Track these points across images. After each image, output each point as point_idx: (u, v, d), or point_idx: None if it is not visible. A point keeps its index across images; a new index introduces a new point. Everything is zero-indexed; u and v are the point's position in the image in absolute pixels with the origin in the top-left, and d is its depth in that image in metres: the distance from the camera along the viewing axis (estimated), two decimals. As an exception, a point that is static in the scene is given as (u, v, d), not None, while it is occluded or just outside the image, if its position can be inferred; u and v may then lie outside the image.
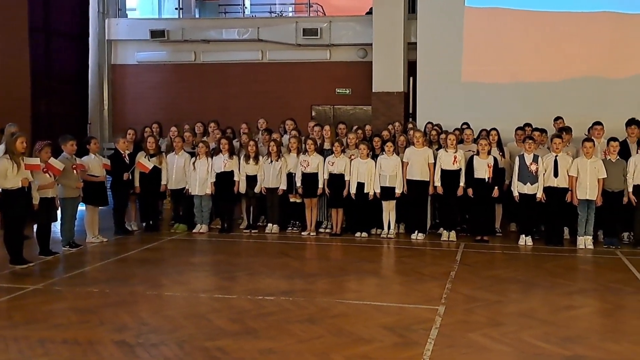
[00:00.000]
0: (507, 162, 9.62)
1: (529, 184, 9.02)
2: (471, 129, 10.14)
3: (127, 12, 16.13)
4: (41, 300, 6.27)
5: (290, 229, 10.06)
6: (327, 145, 10.06)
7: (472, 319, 5.78)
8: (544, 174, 8.98)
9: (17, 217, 7.57)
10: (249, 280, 7.18)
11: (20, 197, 7.50)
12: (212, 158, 9.90)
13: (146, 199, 10.00)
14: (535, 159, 9.02)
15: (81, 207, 9.09)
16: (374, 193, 9.48)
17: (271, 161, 9.79)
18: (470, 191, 9.21)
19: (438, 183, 9.32)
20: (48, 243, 8.27)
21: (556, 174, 8.91)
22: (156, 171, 9.83)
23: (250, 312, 5.92)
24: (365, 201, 9.53)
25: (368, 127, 11.02)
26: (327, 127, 10.32)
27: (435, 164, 9.36)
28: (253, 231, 9.97)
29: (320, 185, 9.62)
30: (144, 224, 10.16)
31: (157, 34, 14.67)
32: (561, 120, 10.26)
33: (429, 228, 9.77)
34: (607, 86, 11.91)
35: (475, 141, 9.62)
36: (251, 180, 9.86)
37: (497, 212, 9.79)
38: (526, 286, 6.99)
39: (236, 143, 10.38)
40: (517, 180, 9.09)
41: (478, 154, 9.21)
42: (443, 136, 9.78)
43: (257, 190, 9.87)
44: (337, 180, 9.58)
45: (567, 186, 8.93)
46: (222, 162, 9.81)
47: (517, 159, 9.17)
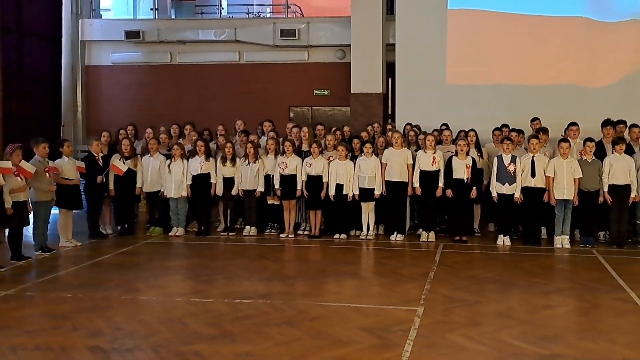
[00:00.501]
0: (485, 163, 9.66)
1: (507, 184, 9.07)
2: (450, 130, 10.18)
3: (101, 12, 15.97)
4: (13, 306, 6.17)
5: (268, 231, 10.00)
6: (305, 147, 10.02)
7: (451, 319, 5.79)
8: (521, 174, 9.03)
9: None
10: (226, 283, 7.12)
11: (-9, 200, 7.34)
12: (187, 160, 9.82)
13: (121, 202, 9.90)
14: (513, 159, 9.06)
15: (54, 211, 8.95)
16: (353, 194, 9.45)
17: (248, 163, 9.72)
18: (449, 192, 9.22)
19: (417, 184, 9.32)
20: (20, 248, 8.13)
21: (533, 175, 8.97)
22: (131, 174, 9.72)
23: (228, 315, 5.86)
24: (344, 203, 9.50)
25: (346, 129, 11.00)
26: (305, 129, 10.28)
27: (414, 165, 9.36)
28: (230, 234, 9.88)
29: (299, 187, 9.58)
30: (118, 227, 10.06)
31: (132, 35, 14.54)
32: (538, 121, 10.34)
33: (408, 229, 9.78)
34: (582, 88, 12.06)
35: (454, 142, 9.67)
36: (228, 183, 9.79)
37: (476, 212, 9.83)
38: (504, 286, 7.02)
39: (213, 145, 10.31)
40: (495, 180, 9.13)
41: (457, 154, 9.24)
42: (422, 137, 9.80)
43: (234, 192, 9.80)
44: (315, 182, 9.54)
45: (545, 186, 8.99)
46: (198, 165, 9.73)
47: (495, 159, 9.21)
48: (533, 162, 8.98)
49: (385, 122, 12.60)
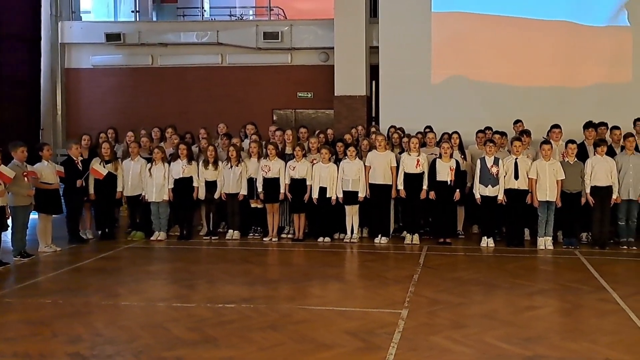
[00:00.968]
0: (468, 165, 9.69)
1: (490, 186, 9.09)
2: (434, 132, 10.19)
3: (81, 14, 15.84)
4: (-10, 313, 6.06)
5: (251, 235, 9.93)
6: (288, 150, 9.97)
7: (435, 321, 5.78)
8: (504, 176, 9.06)
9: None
10: (208, 287, 7.05)
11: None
12: (169, 164, 9.74)
13: (101, 206, 9.81)
14: (496, 161, 9.09)
15: (33, 216, 8.81)
16: (337, 197, 9.42)
17: (231, 166, 9.66)
18: (432, 194, 9.23)
19: (401, 186, 9.32)
20: (-2, 253, 7.99)
21: (516, 176, 9.01)
22: (112, 178, 9.64)
23: (210, 320, 5.81)
24: (328, 206, 9.46)
25: (330, 131, 10.99)
26: (289, 132, 10.24)
27: (398, 167, 9.35)
28: (213, 238, 9.81)
29: (282, 190, 9.53)
30: (99, 232, 9.95)
31: (113, 37, 14.44)
32: (521, 123, 10.39)
33: (392, 232, 9.76)
34: (565, 90, 12.16)
35: (437, 144, 9.68)
36: (210, 186, 9.73)
37: (460, 214, 9.84)
38: (488, 288, 7.03)
39: (195, 148, 10.23)
40: (478, 182, 9.15)
41: (440, 157, 9.24)
42: (406, 140, 9.80)
43: (216, 196, 9.73)
44: (298, 185, 9.50)
45: (528, 188, 9.02)
46: (180, 168, 9.65)
47: (478, 161, 9.24)
48: (516, 164, 9.02)
49: (369, 124, 12.60)
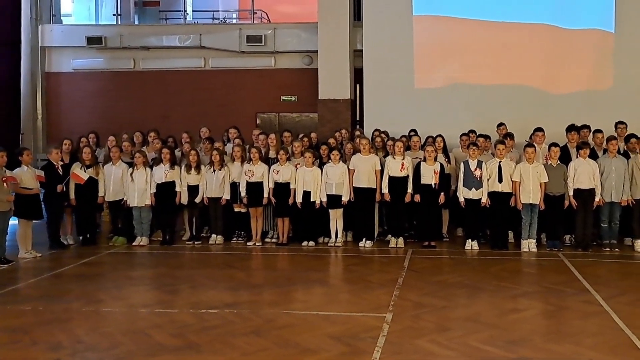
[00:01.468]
0: (452, 168, 9.70)
1: (473, 189, 9.11)
2: (418, 135, 10.20)
3: (61, 17, 15.70)
4: (-32, 321, 5.96)
5: (235, 239, 9.87)
6: (272, 154, 9.93)
7: (420, 325, 5.77)
8: (488, 179, 9.09)
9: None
10: (191, 293, 6.99)
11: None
12: (151, 168, 9.66)
13: (82, 211, 9.69)
14: (479, 164, 9.12)
15: (13, 221, 8.71)
16: (321, 201, 9.38)
17: (214, 170, 9.60)
18: (417, 197, 9.22)
19: (386, 190, 9.31)
20: (-23, 259, 7.88)
21: (500, 179, 9.04)
22: (93, 182, 9.55)
23: (193, 326, 5.75)
24: (312, 210, 9.42)
25: (313, 135, 10.95)
26: (273, 135, 10.20)
27: (382, 171, 9.34)
28: (196, 242, 9.73)
29: (266, 194, 9.48)
30: (80, 237, 9.84)
31: (94, 41, 14.32)
32: (504, 126, 10.42)
33: (376, 235, 9.74)
34: (547, 94, 12.23)
35: (422, 148, 9.68)
36: (193, 191, 9.66)
37: (444, 217, 9.85)
38: (472, 290, 7.03)
39: (178, 153, 10.16)
40: (462, 185, 9.17)
41: (425, 160, 9.25)
42: (390, 143, 9.79)
43: (198, 200, 9.66)
44: (282, 189, 9.46)
45: (511, 191, 9.05)
46: (163, 173, 9.57)
47: (461, 165, 9.26)
48: (500, 167, 9.05)
49: (354, 128, 12.59)
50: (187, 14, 16.76)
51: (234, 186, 9.62)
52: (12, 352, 5.09)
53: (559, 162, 9.13)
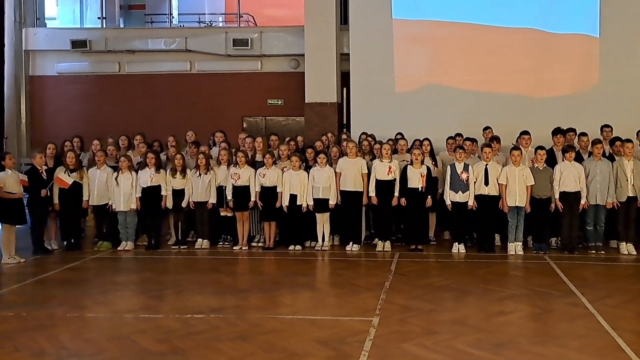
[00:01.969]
0: (439, 172, 9.70)
1: (460, 192, 9.12)
2: (405, 139, 10.20)
3: (46, 21, 15.57)
4: (-50, 328, 5.86)
5: (221, 243, 9.81)
6: (259, 157, 9.89)
7: (406, 328, 5.75)
8: (474, 182, 9.11)
9: None
10: (177, 298, 6.94)
11: None
12: (136, 172, 9.59)
13: (67, 216, 9.59)
14: (466, 167, 9.13)
15: (-4, 226, 8.62)
16: (307, 205, 9.35)
17: (199, 174, 9.54)
18: (403, 201, 9.22)
19: (373, 193, 9.30)
20: (-41, 265, 7.77)
21: (487, 182, 9.06)
22: (77, 187, 9.45)
23: (178, 331, 5.69)
24: (299, 213, 9.39)
25: (300, 138, 10.92)
26: (260, 139, 10.15)
27: (369, 174, 9.32)
28: (182, 247, 9.66)
29: (252, 198, 9.43)
30: (64, 242, 9.72)
31: (79, 44, 14.22)
32: (490, 130, 10.46)
33: (363, 239, 9.71)
34: (532, 98, 12.30)
35: (409, 151, 9.67)
36: (178, 195, 9.59)
37: (431, 220, 9.86)
38: (459, 294, 7.03)
39: (163, 156, 10.10)
40: (448, 189, 9.18)
41: (412, 163, 9.25)
42: (377, 146, 9.79)
43: (184, 204, 9.60)
44: (269, 193, 9.41)
45: (498, 194, 9.07)
46: (148, 177, 9.50)
47: (448, 168, 9.27)
48: (486, 170, 9.07)
49: (340, 131, 12.58)
50: (173, 17, 16.67)
51: (220, 190, 9.57)
52: (-6, 360, 5.03)
53: (545, 165, 9.16)
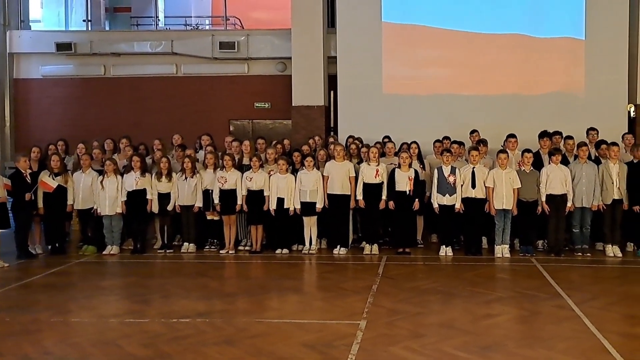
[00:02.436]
0: (427, 175, 9.72)
1: (447, 195, 9.14)
2: (393, 142, 10.20)
3: (30, 23, 15.43)
4: None
5: (207, 247, 9.75)
6: (246, 161, 9.85)
7: (394, 332, 5.75)
8: (462, 185, 9.12)
9: None
10: (163, 302, 6.88)
11: None
12: (121, 176, 9.52)
13: (51, 220, 9.52)
14: (453, 170, 9.15)
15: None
16: (294, 209, 9.32)
17: (185, 178, 9.48)
18: (391, 204, 9.22)
19: (360, 197, 9.28)
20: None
21: (474, 185, 9.08)
22: (62, 191, 9.39)
23: (164, 336, 5.66)
24: (286, 217, 9.35)
25: (286, 141, 10.88)
26: (247, 142, 10.12)
27: (357, 177, 9.31)
28: (168, 251, 9.60)
29: (239, 201, 9.39)
30: (49, 246, 9.65)
31: (63, 47, 14.09)
32: (477, 133, 10.49)
33: (351, 242, 9.70)
34: (519, 101, 12.36)
35: (396, 154, 9.68)
36: (164, 198, 9.53)
37: (419, 223, 9.85)
38: (447, 297, 7.03)
39: (149, 160, 10.06)
40: (436, 192, 9.19)
41: (399, 166, 9.25)
42: (364, 150, 9.78)
43: (169, 208, 9.54)
44: (256, 197, 9.38)
45: (485, 197, 9.10)
46: (133, 180, 9.44)
47: (435, 171, 9.28)
48: (473, 173, 9.09)
49: (328, 134, 12.57)
50: (159, 20, 16.61)
51: (207, 194, 9.52)
52: (-24, 365, 4.98)
53: (531, 168, 9.20)
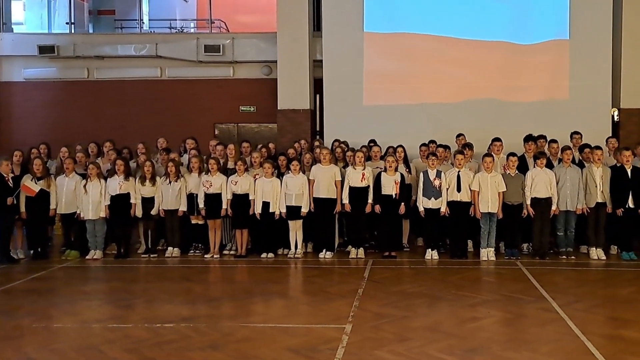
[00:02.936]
0: (413, 178, 9.71)
1: (433, 198, 9.15)
2: (378, 146, 10.20)
3: (12, 26, 15.25)
4: None
5: (192, 252, 9.67)
6: (231, 165, 9.80)
7: (379, 335, 5.73)
8: (447, 189, 9.14)
9: None
10: (146, 307, 6.82)
11: None
12: (105, 180, 9.44)
13: (34, 224, 9.41)
14: (438, 174, 9.16)
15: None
16: (280, 212, 9.28)
17: (169, 182, 9.41)
18: (377, 207, 9.20)
19: (346, 200, 9.26)
20: None
21: (459, 189, 9.10)
22: (44, 195, 9.28)
23: (148, 341, 5.60)
24: (271, 221, 9.31)
25: (272, 145, 10.84)
26: (232, 146, 10.07)
27: (343, 181, 9.29)
28: (152, 256, 9.52)
29: (224, 205, 9.33)
30: (31, 251, 9.53)
31: (46, 50, 13.93)
32: (462, 137, 10.52)
33: (337, 246, 9.67)
34: (503, 106, 12.38)
35: (382, 158, 9.67)
36: (148, 202, 9.45)
37: (405, 227, 9.85)
38: (432, 300, 7.03)
39: (133, 164, 9.97)
40: (421, 195, 9.19)
41: (385, 170, 9.24)
42: (350, 154, 9.77)
43: (153, 212, 9.46)
44: (241, 201, 9.32)
45: (470, 200, 9.12)
46: (117, 184, 9.34)
47: (420, 175, 9.29)
48: (459, 176, 9.11)
49: (313, 138, 12.54)
50: (143, 22, 16.44)
51: (191, 198, 9.45)
52: (-44, 372, 4.89)
53: (517, 171, 9.24)
